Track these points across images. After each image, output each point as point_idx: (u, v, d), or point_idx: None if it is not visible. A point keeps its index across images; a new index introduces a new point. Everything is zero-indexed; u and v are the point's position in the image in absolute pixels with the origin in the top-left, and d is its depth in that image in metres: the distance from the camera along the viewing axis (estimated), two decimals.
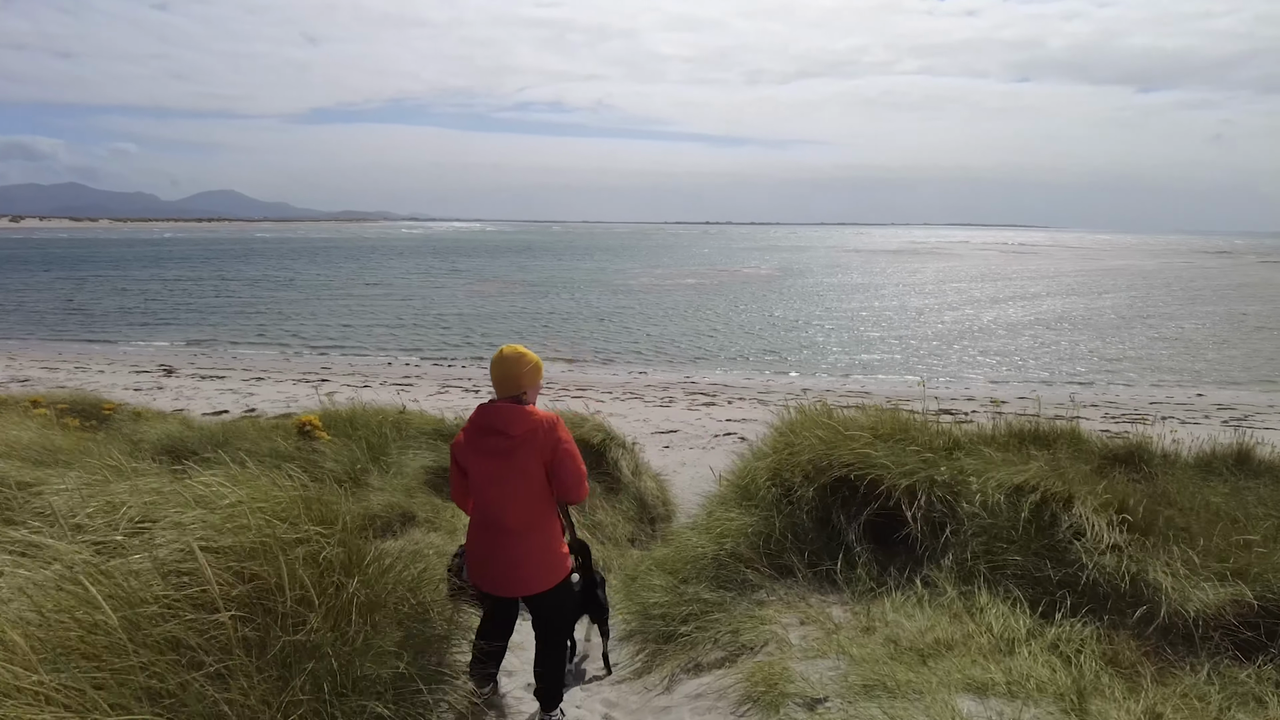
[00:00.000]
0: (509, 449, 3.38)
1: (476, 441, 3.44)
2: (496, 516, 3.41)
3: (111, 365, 21.25)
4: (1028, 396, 18.68)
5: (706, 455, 11.94)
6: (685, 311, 35.75)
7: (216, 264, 68.67)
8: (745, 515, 4.65)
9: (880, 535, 4.50)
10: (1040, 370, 22.60)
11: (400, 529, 4.81)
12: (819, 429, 5.07)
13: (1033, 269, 71.52)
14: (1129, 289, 49.88)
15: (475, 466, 3.44)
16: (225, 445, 5.01)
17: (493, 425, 3.41)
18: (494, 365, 3.52)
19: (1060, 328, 31.24)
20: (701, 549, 4.49)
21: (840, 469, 4.61)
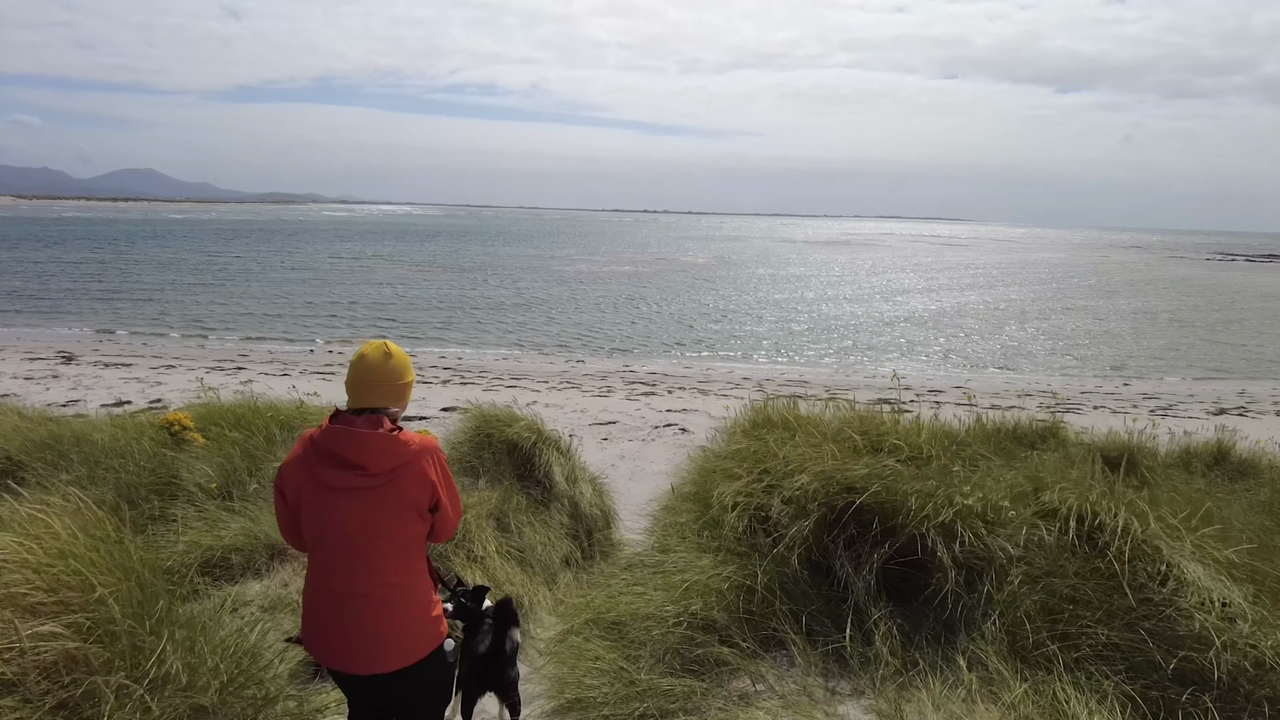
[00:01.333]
0: (366, 489, 2.53)
1: (319, 474, 2.52)
2: (342, 577, 2.55)
3: (2, 352, 19.62)
4: (963, 386, 18.93)
5: (646, 448, 11.56)
6: (622, 299, 35.31)
7: (127, 245, 64.85)
8: (714, 560, 3.59)
9: (896, 587, 3.41)
10: (973, 359, 22.97)
11: (266, 567, 3.61)
12: (795, 435, 4.21)
13: (960, 261, 73.60)
14: (1052, 280, 51.64)
15: (314, 508, 2.54)
16: (66, 453, 4.13)
17: (344, 455, 2.51)
18: (357, 368, 2.65)
19: (989, 317, 31.99)
20: (657, 607, 3.38)
21: (839, 493, 3.50)
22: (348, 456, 2.50)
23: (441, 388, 15.66)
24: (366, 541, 2.53)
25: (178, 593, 2.29)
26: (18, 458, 3.92)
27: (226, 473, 4.25)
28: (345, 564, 2.53)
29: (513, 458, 4.94)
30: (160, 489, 3.78)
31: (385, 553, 2.56)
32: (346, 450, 2.50)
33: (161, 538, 3.38)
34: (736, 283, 45.35)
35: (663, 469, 10.67)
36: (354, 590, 2.53)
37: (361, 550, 2.52)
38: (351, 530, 2.51)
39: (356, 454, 2.50)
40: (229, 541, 3.63)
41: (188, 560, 3.35)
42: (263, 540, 3.69)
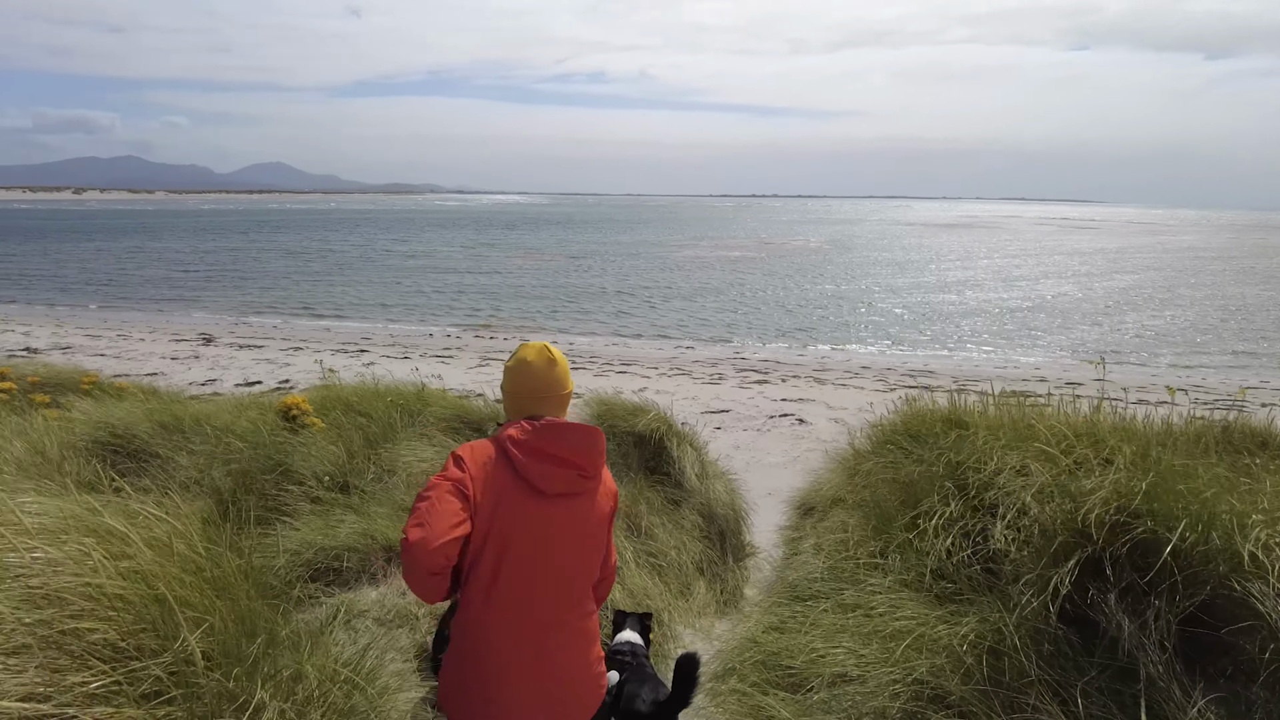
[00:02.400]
0: (579, 495, 2.19)
1: (528, 472, 2.13)
2: (541, 604, 2.13)
3: (153, 334, 21.04)
4: (1104, 379, 17.49)
5: (762, 438, 11.12)
6: (730, 285, 34.69)
7: (257, 235, 69.17)
8: (921, 600, 2.80)
9: (1197, 651, 2.49)
10: (1109, 349, 21.23)
11: (383, 572, 3.27)
12: (972, 435, 3.41)
13: (1090, 245, 68.73)
14: (1194, 266, 47.44)
15: (517, 518, 2.11)
16: (189, 436, 4.06)
17: (562, 453, 2.14)
18: (522, 374, 2.32)
19: (1122, 305, 29.60)
20: (859, 661, 2.56)
21: (1108, 517, 2.54)
22: (565, 455, 2.14)
23: None
24: (571, 560, 2.17)
25: (281, 609, 1.98)
26: (145, 439, 3.92)
27: (344, 461, 4.05)
28: (543, 584, 2.13)
29: (640, 451, 4.54)
30: (276, 477, 3.64)
31: (587, 576, 2.23)
32: (568, 446, 2.15)
33: (271, 536, 3.18)
34: (850, 267, 43.83)
35: (779, 460, 10.23)
36: (544, 618, 2.13)
37: (563, 571, 2.16)
38: (557, 541, 2.15)
39: (573, 451, 2.16)
40: (343, 540, 3.32)
41: (298, 562, 3.12)
42: (379, 541, 3.38)
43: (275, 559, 2.95)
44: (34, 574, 1.48)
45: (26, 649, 1.37)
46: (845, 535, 3.24)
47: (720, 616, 3.66)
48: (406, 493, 3.90)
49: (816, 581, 3.08)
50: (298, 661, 1.72)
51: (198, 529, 1.90)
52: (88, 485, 2.51)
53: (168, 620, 1.54)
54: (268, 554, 2.93)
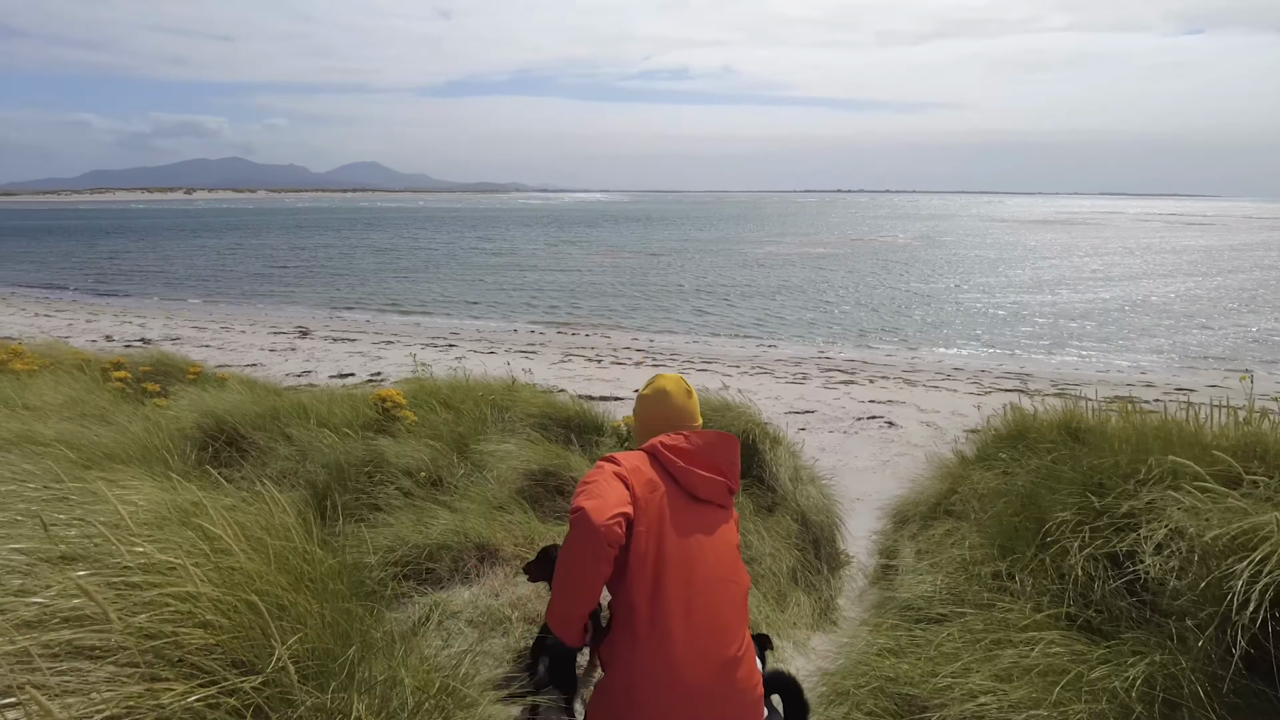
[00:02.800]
0: (724, 506, 2.22)
1: (694, 478, 2.15)
2: (718, 638, 1.97)
3: (254, 326, 22.07)
4: (1220, 385, 16.35)
5: (848, 441, 10.80)
6: (816, 281, 34.04)
7: (350, 232, 71.95)
8: (1063, 633, 2.42)
9: None
10: (1224, 353, 19.82)
11: (475, 571, 3.24)
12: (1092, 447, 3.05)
13: (1201, 243, 64.52)
14: None
15: (675, 520, 2.07)
16: (285, 427, 4.14)
17: (717, 462, 2.20)
18: (663, 405, 2.35)
19: (1235, 306, 27.60)
20: (1000, 703, 2.19)
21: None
22: (720, 465, 2.21)
23: (634, 369, 15.64)
24: (729, 568, 2.10)
25: (374, 610, 1.93)
26: (243, 430, 4.05)
27: (435, 456, 4.03)
28: (716, 613, 2.00)
29: None
30: (370, 471, 3.68)
31: (744, 589, 2.15)
32: (717, 456, 2.21)
33: (365, 530, 3.20)
34: (940, 265, 42.40)
35: (868, 464, 9.91)
36: (724, 653, 1.98)
37: (727, 590, 2.06)
38: (714, 551, 2.09)
39: (729, 464, 2.24)
40: (435, 538, 3.30)
41: (390, 559, 3.12)
42: (472, 539, 3.35)
43: (369, 555, 2.96)
44: (134, 573, 1.48)
45: (124, 652, 1.35)
46: (961, 552, 2.95)
47: (816, 630, 3.49)
48: (498, 489, 3.90)
49: (934, 601, 2.77)
50: (392, 667, 1.66)
51: (296, 525, 1.87)
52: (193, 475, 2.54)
53: (263, 628, 1.49)
54: (361, 550, 2.94)
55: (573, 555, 1.93)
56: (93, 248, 52.55)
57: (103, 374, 5.12)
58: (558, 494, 3.90)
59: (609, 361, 16.48)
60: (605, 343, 20.07)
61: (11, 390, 4.09)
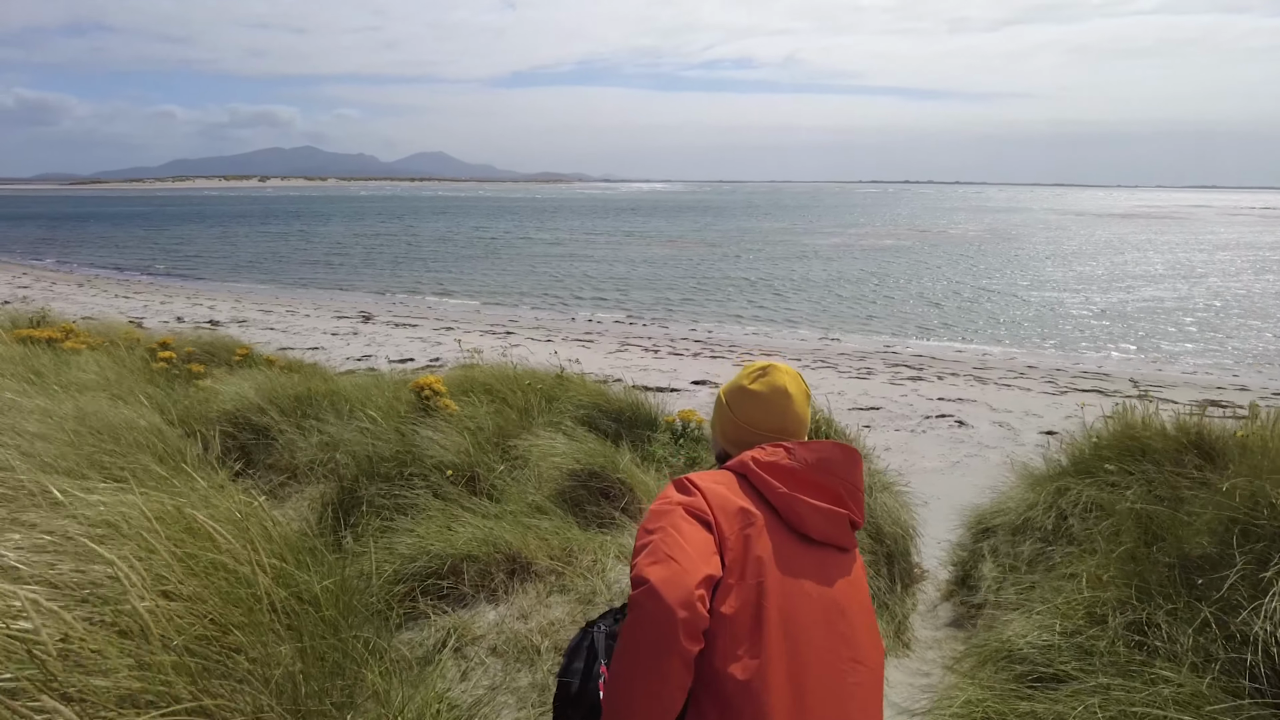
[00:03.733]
0: (849, 548, 1.66)
1: (805, 510, 1.59)
2: (833, 700, 1.49)
3: (318, 310, 22.48)
4: None
5: (916, 440, 10.31)
6: (881, 274, 33.12)
7: (414, 220, 73.25)
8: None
9: None
10: None
11: (504, 588, 2.86)
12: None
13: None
14: None
15: (789, 573, 1.52)
16: (321, 413, 3.94)
17: (834, 488, 1.63)
18: (776, 404, 1.76)
19: None
20: None
21: None
22: (839, 491, 1.63)
23: (692, 360, 15.34)
24: (861, 661, 1.54)
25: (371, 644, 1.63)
26: (273, 417, 3.89)
27: (473, 451, 3.71)
28: (819, 703, 1.46)
29: None
30: (402, 465, 3.44)
31: (879, 680, 1.60)
32: (840, 479, 1.64)
33: (385, 536, 2.92)
34: (1010, 259, 40.85)
35: (936, 465, 9.41)
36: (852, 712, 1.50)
37: (854, 674, 1.52)
38: (842, 610, 1.55)
39: (851, 489, 1.66)
40: (462, 547, 2.94)
41: (406, 571, 2.77)
42: (502, 550, 2.97)
43: (386, 563, 2.69)
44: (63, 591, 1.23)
45: None
46: (1080, 592, 2.33)
47: (888, 654, 3.15)
48: (537, 490, 3.58)
49: (1051, 652, 2.22)
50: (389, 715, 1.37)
51: (288, 534, 1.62)
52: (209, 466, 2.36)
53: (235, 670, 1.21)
54: (378, 556, 2.69)
55: (637, 657, 1.36)
56: (172, 233, 54.78)
57: (150, 354, 5.09)
58: (602, 497, 3.54)
59: (666, 352, 16.20)
60: (662, 333, 19.81)
61: (51, 368, 4.04)
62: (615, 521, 3.21)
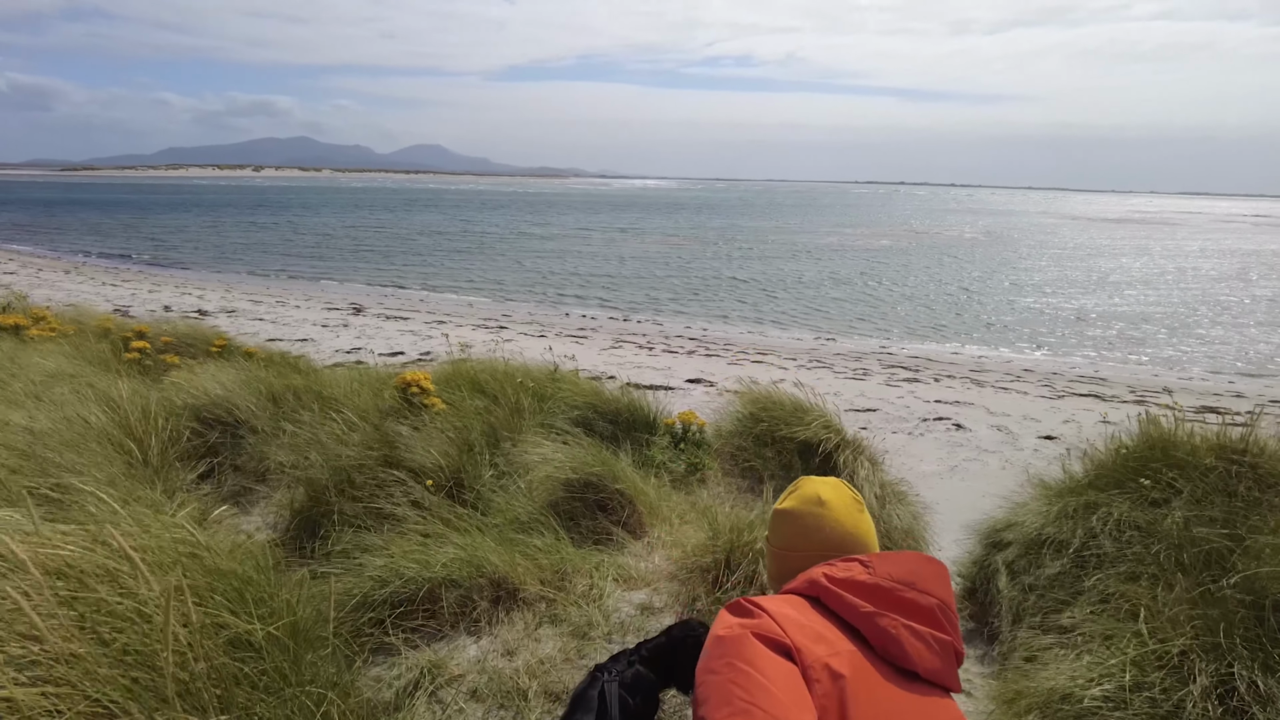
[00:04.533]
0: (950, 684, 1.32)
1: (904, 636, 1.28)
2: None
3: (309, 301, 22.20)
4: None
5: (914, 443, 10.14)
6: (876, 274, 32.99)
7: (413, 213, 72.92)
8: None
9: None
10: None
11: (487, 617, 2.56)
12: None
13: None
14: None
15: (887, 707, 1.21)
16: (298, 410, 3.65)
17: (929, 610, 1.32)
18: (842, 513, 1.50)
19: None
20: None
21: None
22: (935, 612, 1.31)
23: (686, 358, 15.14)
24: None
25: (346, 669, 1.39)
26: (243, 415, 3.61)
27: (459, 455, 3.41)
28: None
29: (806, 462, 3.84)
30: (381, 470, 3.18)
31: None
32: (932, 596, 1.32)
33: (352, 558, 2.61)
34: (1006, 262, 40.78)
35: (935, 469, 9.24)
36: None
37: None
38: None
39: (946, 610, 1.33)
40: (439, 571, 2.60)
41: (377, 596, 2.43)
42: (487, 573, 2.63)
43: (356, 586, 2.40)
44: None
45: None
46: (1141, 634, 2.02)
47: None
48: (527, 501, 3.25)
49: (1118, 706, 1.89)
50: None
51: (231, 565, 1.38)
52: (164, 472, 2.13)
53: None
54: (346, 580, 2.42)
55: None
56: (161, 221, 54.23)
57: (123, 343, 4.84)
58: (599, 510, 3.22)
59: (660, 349, 16.01)
60: (657, 330, 19.61)
61: (6, 358, 3.79)
62: (613, 538, 2.94)
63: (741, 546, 2.43)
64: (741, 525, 2.64)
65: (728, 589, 2.39)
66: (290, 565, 2.31)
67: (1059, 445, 10.20)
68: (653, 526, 2.97)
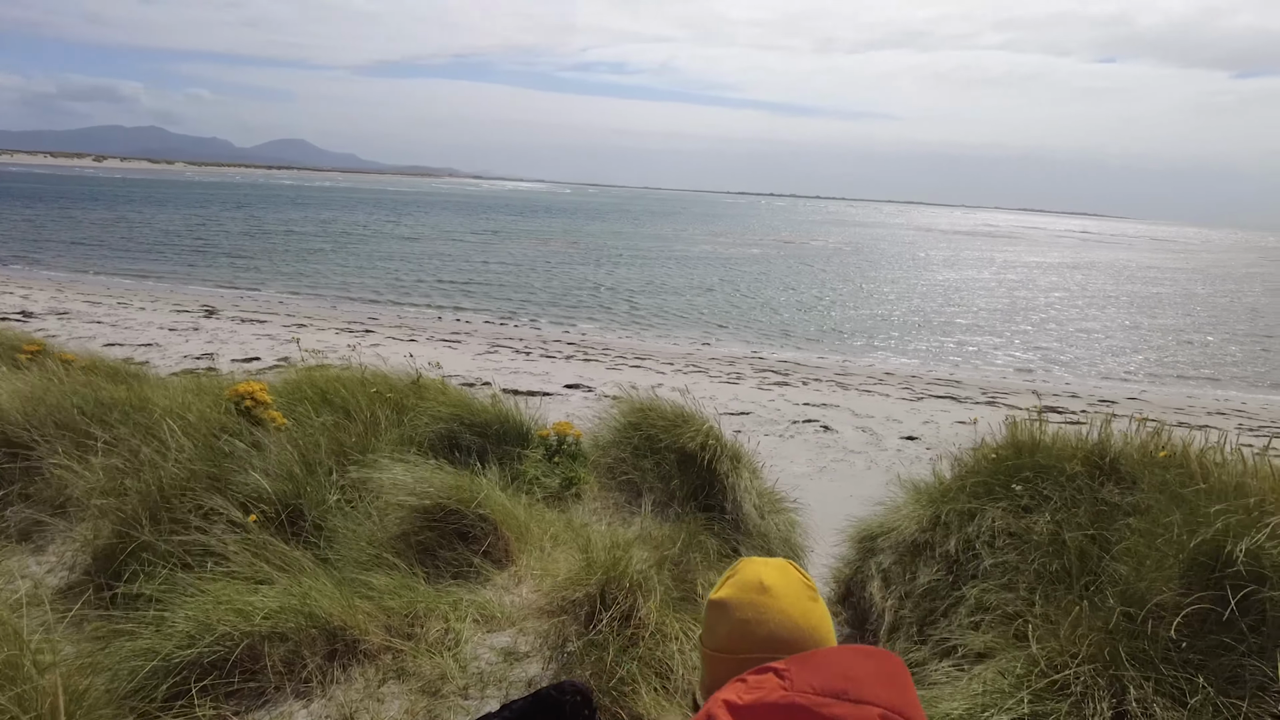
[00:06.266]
0: None
1: None
2: None
3: (155, 303, 20.45)
4: (1138, 397, 16.68)
5: (785, 445, 10.39)
6: (750, 282, 33.88)
7: (275, 210, 68.81)
8: None
9: None
10: (1144, 367, 20.36)
11: (319, 675, 2.18)
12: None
13: (1114, 260, 67.60)
14: (1228, 287, 46.31)
15: None
16: (114, 427, 3.17)
17: (868, 715, 1.00)
18: (776, 597, 1.18)
19: (1153, 322, 28.64)
20: None
21: None
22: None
23: (565, 363, 14.95)
24: None
25: None
26: (38, 436, 3.07)
27: (301, 476, 2.98)
28: None
29: (686, 473, 3.64)
30: (205, 498, 2.77)
31: None
32: (889, 705, 1.00)
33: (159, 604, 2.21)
34: (871, 270, 42.95)
35: (805, 470, 9.47)
36: None
37: None
38: None
39: (892, 715, 1.00)
40: (260, 623, 2.17)
41: (184, 660, 1.99)
42: (321, 621, 2.23)
43: (158, 645, 2.02)
44: None
45: None
46: (1031, 654, 1.94)
47: None
48: (379, 527, 2.87)
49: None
50: None
51: None
52: None
53: None
54: (147, 639, 2.04)
55: None
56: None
57: None
58: (459, 539, 2.87)
59: (539, 354, 15.73)
60: (535, 334, 19.30)
61: None
62: (475, 570, 2.65)
63: (618, 576, 2.23)
64: (619, 545, 2.45)
65: (601, 628, 2.17)
66: (83, 620, 1.93)
67: (920, 445, 10.71)
68: (521, 554, 2.74)
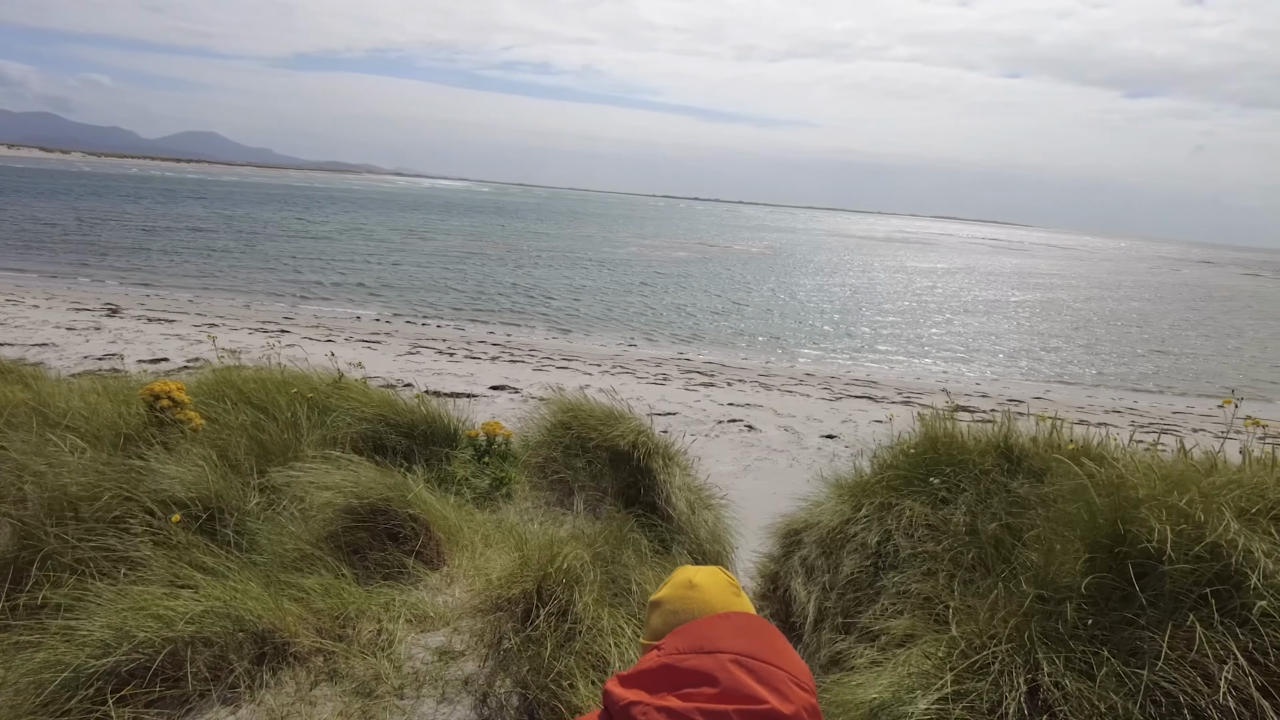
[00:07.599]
0: None
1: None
2: None
3: (50, 301, 19.26)
4: (1043, 396, 17.55)
5: (711, 444, 10.55)
6: (676, 284, 34.18)
7: (171, 204, 65.46)
8: None
9: None
10: (1047, 368, 21.45)
11: (247, 679, 2.10)
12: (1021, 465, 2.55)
13: (1019, 266, 71.06)
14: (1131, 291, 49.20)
15: None
16: (8, 430, 2.98)
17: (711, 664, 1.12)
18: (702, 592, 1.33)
19: (1054, 326, 30.21)
20: None
21: None
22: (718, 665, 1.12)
23: (490, 364, 14.77)
24: None
25: None
26: None
27: (219, 480, 2.86)
28: None
29: (618, 472, 3.68)
30: (118, 504, 2.63)
31: None
32: (731, 643, 1.14)
33: (71, 611, 2.09)
34: (792, 274, 43.94)
35: (731, 469, 9.63)
36: None
37: None
38: None
39: (744, 658, 1.13)
40: (183, 629, 2.08)
41: (94, 668, 1.90)
42: (248, 626, 2.16)
43: (67, 656, 1.89)
44: None
45: None
46: (951, 638, 2.05)
47: None
48: (303, 527, 2.80)
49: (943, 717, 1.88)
50: None
51: None
52: None
53: None
54: (55, 649, 1.92)
55: None
56: None
57: None
58: (389, 540, 2.83)
59: (463, 355, 15.50)
60: (458, 335, 19.02)
61: None
62: (407, 571, 2.61)
63: (555, 571, 2.23)
64: (555, 541, 2.45)
65: (538, 624, 2.16)
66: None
67: (839, 443, 11.03)
68: (453, 554, 2.70)
